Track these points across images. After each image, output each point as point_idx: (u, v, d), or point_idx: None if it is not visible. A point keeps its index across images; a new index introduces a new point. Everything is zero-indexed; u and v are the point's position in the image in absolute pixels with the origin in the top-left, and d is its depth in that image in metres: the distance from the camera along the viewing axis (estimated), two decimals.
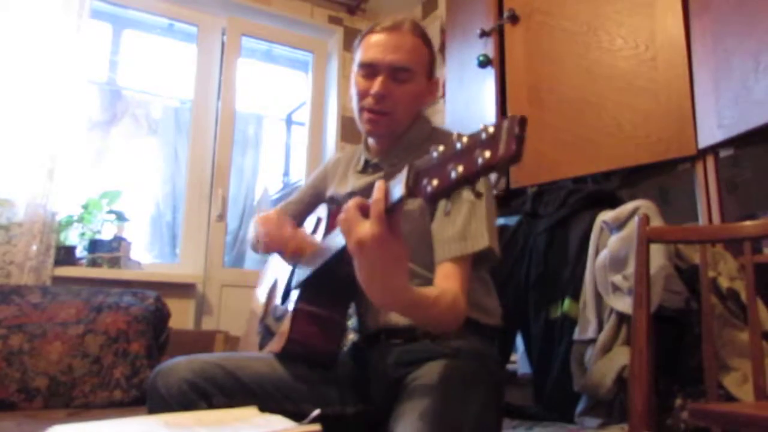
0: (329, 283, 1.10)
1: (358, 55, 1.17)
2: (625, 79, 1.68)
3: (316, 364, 1.12)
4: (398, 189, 0.74)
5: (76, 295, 1.85)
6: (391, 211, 0.77)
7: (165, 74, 3.21)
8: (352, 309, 1.25)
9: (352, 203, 0.80)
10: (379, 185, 0.77)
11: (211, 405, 0.97)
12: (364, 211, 0.79)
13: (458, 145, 0.65)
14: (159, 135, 3.39)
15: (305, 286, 1.11)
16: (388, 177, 0.78)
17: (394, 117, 1.14)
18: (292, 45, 3.15)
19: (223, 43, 2.87)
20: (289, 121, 3.87)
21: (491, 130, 0.62)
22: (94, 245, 2.35)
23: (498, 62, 2.06)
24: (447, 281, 1.01)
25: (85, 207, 2.38)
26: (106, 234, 2.43)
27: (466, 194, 0.84)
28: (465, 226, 1.04)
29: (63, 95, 2.22)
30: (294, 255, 1.17)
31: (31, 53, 2.20)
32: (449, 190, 0.67)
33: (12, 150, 2.14)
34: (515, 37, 2.03)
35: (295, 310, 1.10)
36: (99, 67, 2.95)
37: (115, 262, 2.34)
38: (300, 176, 3.23)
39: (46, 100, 2.19)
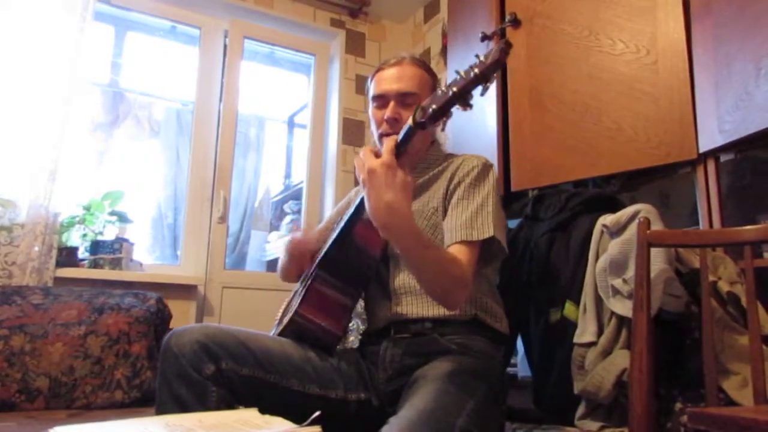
0: (344, 267, 1.18)
1: (370, 92, 1.30)
2: (626, 83, 1.68)
3: (318, 344, 1.16)
4: (406, 128, 0.90)
5: (78, 296, 1.85)
6: (401, 148, 0.90)
7: (167, 76, 3.22)
8: (355, 313, 1.28)
9: (366, 148, 0.95)
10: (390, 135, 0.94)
11: (220, 368, 1.01)
12: (378, 155, 0.92)
13: (457, 77, 0.81)
14: (161, 137, 3.40)
15: (323, 263, 1.18)
16: None
17: None
18: (294, 48, 3.16)
19: (225, 46, 2.88)
20: (290, 124, 3.87)
21: (482, 57, 0.78)
22: (95, 246, 2.36)
23: None
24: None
25: (87, 208, 2.39)
26: (108, 235, 2.43)
27: (479, 191, 1.19)
28: (473, 219, 1.14)
29: (66, 97, 2.23)
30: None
31: (34, 55, 2.21)
32: (447, 106, 0.84)
33: (14, 151, 2.14)
34: (517, 41, 2.03)
35: (308, 286, 1.16)
36: (102, 69, 2.96)
37: (116, 264, 2.34)
38: (301, 178, 3.23)
39: (49, 102, 2.20)
